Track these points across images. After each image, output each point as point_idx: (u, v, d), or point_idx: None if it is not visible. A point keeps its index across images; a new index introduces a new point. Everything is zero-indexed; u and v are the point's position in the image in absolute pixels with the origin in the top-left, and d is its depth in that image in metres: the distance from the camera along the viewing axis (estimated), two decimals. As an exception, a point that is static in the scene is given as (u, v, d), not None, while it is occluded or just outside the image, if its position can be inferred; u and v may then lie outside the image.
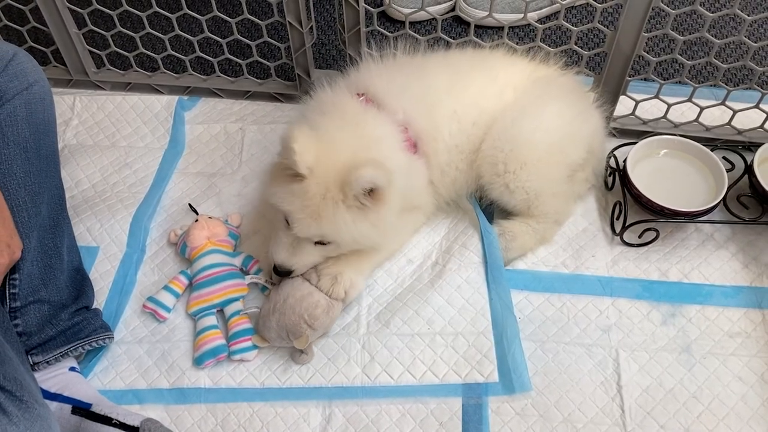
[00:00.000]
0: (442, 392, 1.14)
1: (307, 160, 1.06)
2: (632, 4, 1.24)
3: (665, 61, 1.65)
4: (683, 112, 1.50)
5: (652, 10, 1.24)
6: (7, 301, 1.10)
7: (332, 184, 1.07)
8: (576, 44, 1.36)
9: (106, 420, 1.02)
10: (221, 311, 1.24)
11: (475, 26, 1.37)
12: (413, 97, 1.21)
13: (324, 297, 1.16)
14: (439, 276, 1.27)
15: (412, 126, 1.20)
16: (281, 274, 1.18)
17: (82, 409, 1.04)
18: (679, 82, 1.42)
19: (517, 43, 1.37)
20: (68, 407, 1.06)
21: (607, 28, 1.32)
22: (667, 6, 1.24)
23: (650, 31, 1.29)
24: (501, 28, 1.57)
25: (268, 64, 1.55)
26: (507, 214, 1.34)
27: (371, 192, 1.07)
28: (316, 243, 1.14)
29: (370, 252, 1.24)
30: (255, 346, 1.19)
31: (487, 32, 1.72)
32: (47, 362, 1.10)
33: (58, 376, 1.11)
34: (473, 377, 1.15)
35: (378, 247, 1.23)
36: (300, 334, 1.13)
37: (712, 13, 1.23)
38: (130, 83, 1.63)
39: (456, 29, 1.76)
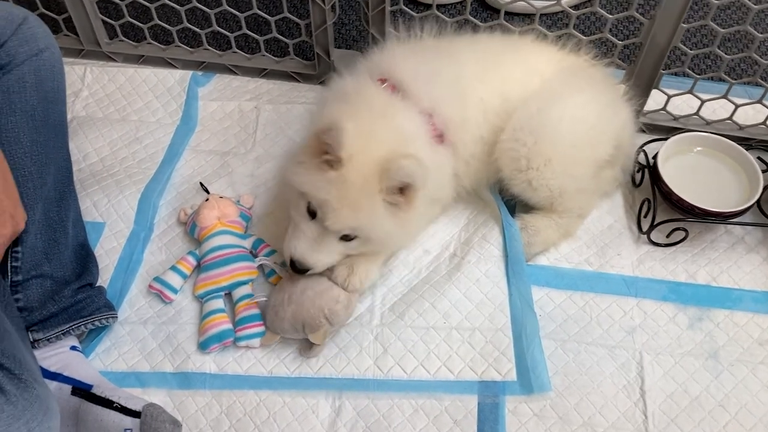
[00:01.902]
0: (457, 389, 1.09)
1: (349, 146, 1.00)
2: (672, -8, 1.19)
3: (700, 55, 1.59)
4: (715, 110, 1.44)
5: (694, 0, 1.18)
6: (9, 274, 1.06)
7: (371, 175, 1.02)
8: (609, 33, 1.31)
9: (107, 403, 0.98)
10: (229, 294, 1.20)
11: (505, 11, 1.31)
12: (441, 84, 1.15)
13: (343, 292, 1.12)
14: (457, 268, 1.22)
15: (439, 114, 1.14)
16: (298, 271, 1.10)
17: (82, 390, 1.00)
18: (713, 77, 1.36)
19: (547, 30, 1.31)
20: (68, 387, 1.01)
21: (644, 17, 1.27)
22: (710, -5, 1.18)
23: (688, 22, 1.23)
24: (531, 14, 1.52)
25: (287, 41, 1.50)
26: (529, 207, 1.28)
27: (404, 190, 1.03)
28: (341, 238, 1.08)
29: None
30: (262, 333, 1.14)
31: (517, 17, 1.66)
32: (48, 340, 1.06)
33: (59, 354, 1.07)
34: (490, 375, 1.10)
35: (398, 249, 1.22)
36: (317, 328, 1.08)
37: (757, 5, 1.17)
38: (143, 56, 1.58)
39: (482, 14, 1.70)
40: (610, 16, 1.27)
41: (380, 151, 1.02)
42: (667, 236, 1.26)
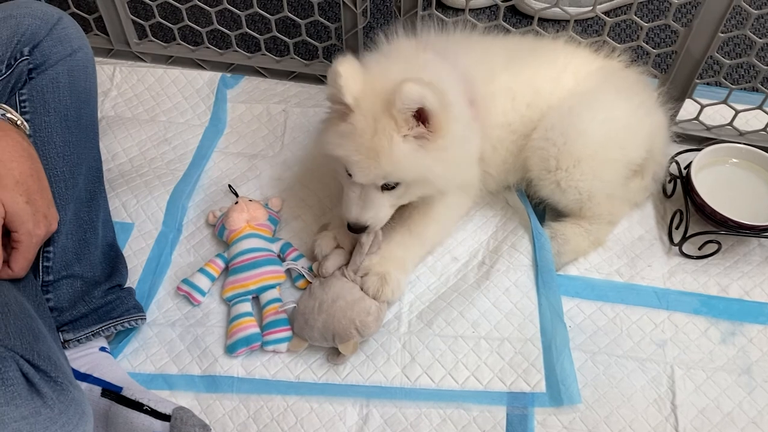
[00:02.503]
0: (485, 399, 1.08)
1: (352, 89, 0.98)
2: (711, 1, 1.17)
3: (735, 65, 1.57)
4: (747, 120, 1.42)
5: (733, 9, 1.16)
6: (40, 274, 1.06)
7: (381, 114, 0.98)
8: (644, 41, 1.29)
9: (137, 405, 0.97)
10: (257, 298, 1.20)
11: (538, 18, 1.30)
12: (473, 61, 1.15)
13: (374, 303, 1.11)
14: (486, 277, 1.21)
15: (471, 86, 1.13)
16: (356, 231, 1.10)
17: (112, 392, 1.00)
18: (746, 88, 1.34)
19: (582, 37, 1.29)
20: (98, 389, 1.01)
21: (680, 25, 1.25)
22: (749, 5, 1.16)
23: (725, 32, 1.22)
24: (564, 21, 1.51)
25: (316, 44, 1.49)
26: (558, 215, 1.27)
27: (424, 119, 0.98)
28: (383, 189, 1.06)
29: (414, 244, 1.19)
30: (290, 338, 1.14)
31: (550, 24, 1.65)
32: (78, 341, 1.06)
33: (89, 355, 1.07)
34: (519, 386, 1.09)
35: (449, 187, 1.13)
36: (348, 339, 1.08)
37: (797, 15, 1.16)
38: (172, 57, 1.58)
39: (511, 19, 1.69)
40: (646, 24, 1.26)
41: (392, 84, 0.97)
42: (699, 248, 1.25)
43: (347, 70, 0.99)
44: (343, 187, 1.12)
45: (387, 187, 1.07)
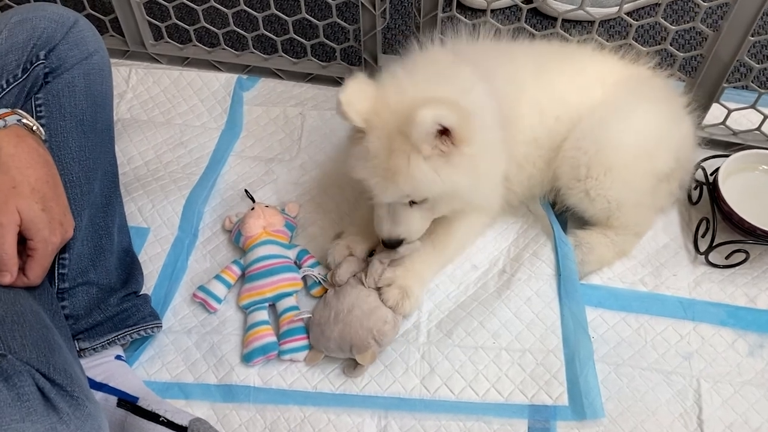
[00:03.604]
0: (506, 412, 1.06)
1: (359, 110, 0.96)
2: (742, 4, 1.13)
3: (763, 68, 1.53)
4: (775, 125, 1.38)
5: (765, 13, 1.13)
6: (56, 281, 1.05)
7: (396, 133, 0.95)
8: (671, 45, 1.26)
9: (153, 416, 0.96)
10: (273, 306, 1.18)
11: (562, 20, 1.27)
12: (499, 78, 1.11)
13: (391, 312, 1.09)
14: (507, 286, 1.18)
15: (502, 105, 1.09)
16: (390, 246, 1.09)
17: (128, 403, 0.99)
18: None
19: (606, 40, 1.26)
20: (114, 399, 1.00)
21: (709, 28, 1.21)
22: (781, 8, 1.13)
23: (756, 35, 1.18)
24: (589, 23, 1.47)
25: (334, 46, 1.47)
26: (582, 222, 1.24)
27: (447, 134, 0.94)
28: (411, 204, 1.04)
29: (434, 259, 1.17)
30: (306, 347, 1.12)
31: (573, 26, 1.62)
32: (93, 349, 1.05)
33: (104, 364, 1.06)
34: (541, 399, 1.07)
35: (479, 199, 1.10)
36: (365, 349, 1.06)
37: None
38: (188, 58, 1.57)
39: (532, 20, 1.66)
40: (673, 27, 1.22)
41: (406, 101, 0.94)
42: (726, 257, 1.21)
43: (349, 95, 0.96)
44: (360, 196, 1.10)
45: (415, 202, 1.04)
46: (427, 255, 1.15)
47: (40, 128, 0.98)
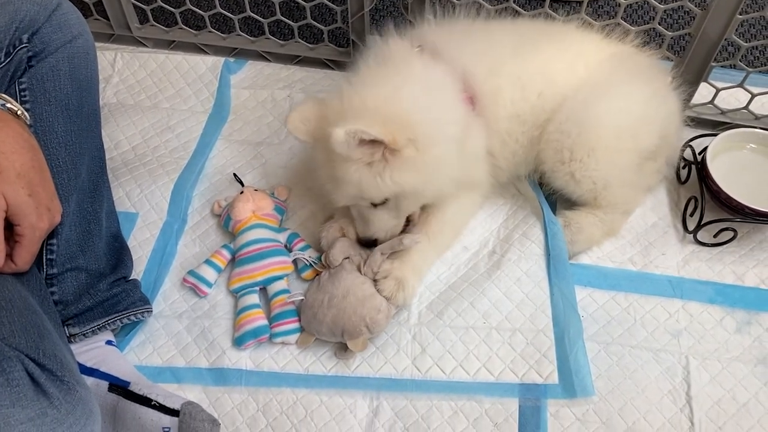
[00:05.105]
0: (497, 391, 1.07)
1: (303, 131, 1.05)
2: (730, -18, 1.13)
3: (751, 47, 1.53)
4: (763, 104, 1.39)
5: (752, -10, 1.13)
6: (44, 267, 1.04)
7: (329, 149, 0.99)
8: (659, 24, 1.26)
9: (145, 401, 0.96)
10: (264, 289, 1.18)
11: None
12: (475, 54, 1.12)
13: (385, 301, 1.09)
14: (497, 266, 1.19)
15: (472, 83, 1.10)
16: (365, 245, 1.14)
17: (119, 387, 0.99)
18: (762, 71, 1.31)
19: (595, 20, 1.26)
20: (105, 384, 1.00)
21: (697, 7, 1.21)
22: (769, -14, 1.13)
23: (744, 14, 1.18)
24: (578, 3, 1.47)
25: (322, 27, 1.46)
26: (571, 203, 1.25)
27: (378, 143, 0.97)
28: (374, 206, 1.08)
29: (430, 249, 1.17)
30: (298, 329, 1.12)
31: (561, 6, 1.61)
32: (84, 335, 1.05)
33: (95, 349, 1.05)
34: (531, 377, 1.08)
35: (443, 191, 1.11)
36: (357, 336, 1.06)
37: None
38: (174, 41, 1.55)
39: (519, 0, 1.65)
40: (662, 6, 1.22)
41: (342, 117, 0.99)
42: (714, 236, 1.22)
43: (294, 120, 1.06)
44: None
45: (376, 204, 1.07)
46: (422, 247, 1.15)
47: (25, 113, 0.97)
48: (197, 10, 1.49)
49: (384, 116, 0.98)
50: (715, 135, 1.26)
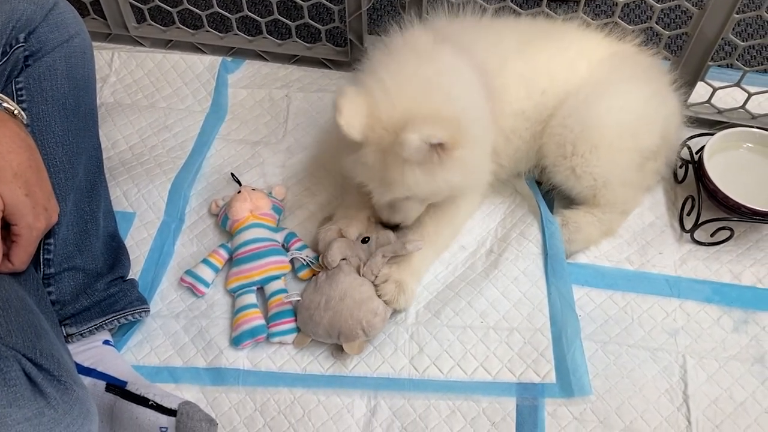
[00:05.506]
0: (494, 390, 1.07)
1: (356, 128, 0.98)
2: (727, -19, 1.14)
3: (747, 46, 1.53)
4: (760, 103, 1.39)
5: (749, -11, 1.13)
6: (41, 267, 1.04)
7: (389, 149, 0.99)
8: (656, 23, 1.26)
9: (142, 400, 0.96)
10: (261, 289, 1.18)
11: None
12: (483, 51, 1.12)
13: (382, 304, 1.09)
14: (495, 266, 1.19)
15: (488, 79, 1.11)
16: (390, 227, 1.16)
17: (117, 387, 0.98)
18: (759, 70, 1.31)
19: (592, 19, 1.26)
20: (102, 383, 1.00)
21: (694, 6, 1.21)
22: (765, -15, 1.13)
23: (741, 13, 1.18)
24: (575, 2, 1.47)
25: (319, 27, 1.46)
26: (569, 202, 1.25)
27: (438, 145, 0.97)
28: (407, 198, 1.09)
29: (429, 252, 1.18)
30: (295, 329, 1.12)
31: (559, 5, 1.61)
32: (81, 334, 1.04)
33: (92, 349, 1.05)
34: (528, 377, 1.08)
35: (470, 188, 1.16)
36: (353, 339, 1.06)
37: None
38: (171, 41, 1.55)
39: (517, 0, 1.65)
40: (659, 5, 1.22)
41: (398, 112, 0.98)
42: (711, 235, 1.22)
43: (347, 117, 0.98)
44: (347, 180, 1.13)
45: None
46: (423, 249, 1.15)
47: (22, 112, 0.96)
48: (194, 9, 1.49)
49: (443, 119, 0.98)
50: (712, 134, 1.26)
